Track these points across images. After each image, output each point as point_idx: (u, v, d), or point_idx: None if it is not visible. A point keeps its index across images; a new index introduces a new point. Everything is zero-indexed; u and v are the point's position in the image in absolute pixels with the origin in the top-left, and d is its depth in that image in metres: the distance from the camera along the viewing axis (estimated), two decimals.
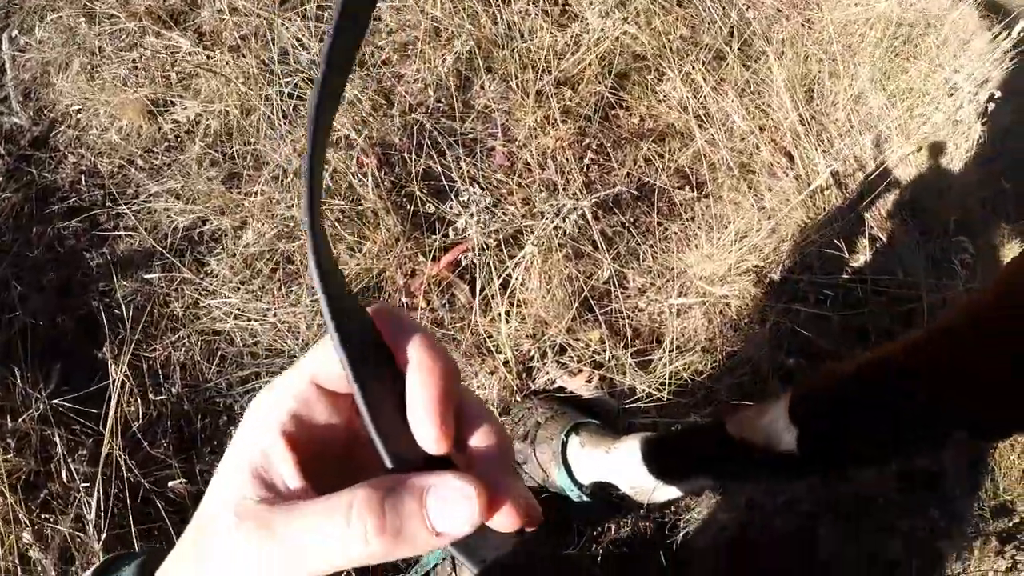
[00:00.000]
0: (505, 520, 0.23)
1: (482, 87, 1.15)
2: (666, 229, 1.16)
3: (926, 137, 1.48)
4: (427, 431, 0.23)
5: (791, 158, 1.29)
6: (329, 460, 0.25)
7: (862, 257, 1.27)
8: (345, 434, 0.25)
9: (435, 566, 0.87)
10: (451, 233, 1.04)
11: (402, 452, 0.23)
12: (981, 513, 1.08)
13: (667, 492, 0.86)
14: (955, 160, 1.49)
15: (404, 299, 1.00)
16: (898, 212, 1.36)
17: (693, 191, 1.21)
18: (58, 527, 0.78)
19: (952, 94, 1.48)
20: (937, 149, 1.46)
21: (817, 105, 1.40)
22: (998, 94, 1.44)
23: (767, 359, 1.10)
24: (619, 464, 0.89)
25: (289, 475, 0.23)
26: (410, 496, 0.21)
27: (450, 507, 0.21)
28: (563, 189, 1.09)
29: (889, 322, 1.16)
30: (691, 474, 0.87)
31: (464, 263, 1.04)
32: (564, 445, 0.93)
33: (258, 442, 0.23)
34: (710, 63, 1.31)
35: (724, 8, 1.34)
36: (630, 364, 1.03)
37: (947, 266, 1.29)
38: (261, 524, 0.22)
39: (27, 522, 0.80)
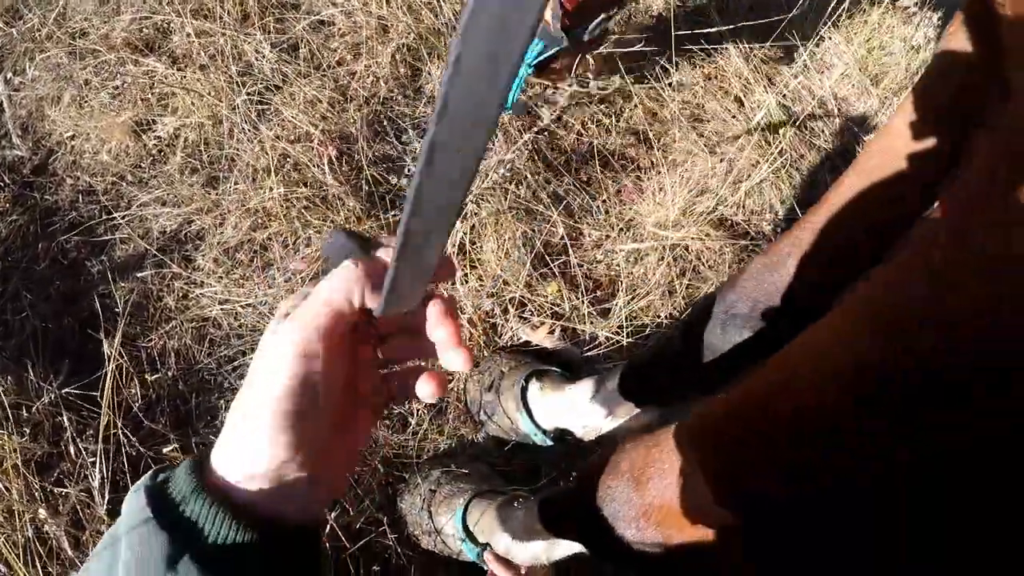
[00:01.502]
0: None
1: (429, 74, 1.23)
2: (615, 183, 1.21)
3: (886, 67, 1.48)
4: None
5: (741, 103, 1.32)
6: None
7: (824, 189, 1.28)
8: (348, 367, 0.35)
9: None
10: None
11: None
12: None
13: (614, 429, 0.90)
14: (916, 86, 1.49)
15: None
16: (861, 143, 1.37)
17: (643, 146, 1.25)
18: (69, 494, 0.87)
19: (907, 21, 1.48)
20: (897, 76, 1.46)
21: (769, 50, 1.43)
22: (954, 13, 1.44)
23: None
24: (573, 404, 0.94)
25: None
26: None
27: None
28: (507, 156, 1.15)
29: None
30: (641, 404, 0.91)
31: None
32: (524, 390, 0.98)
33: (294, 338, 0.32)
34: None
35: None
36: (589, 312, 1.08)
37: None
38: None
39: (42, 499, 0.90)
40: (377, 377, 0.38)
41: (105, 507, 0.88)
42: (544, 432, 0.99)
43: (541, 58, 0.98)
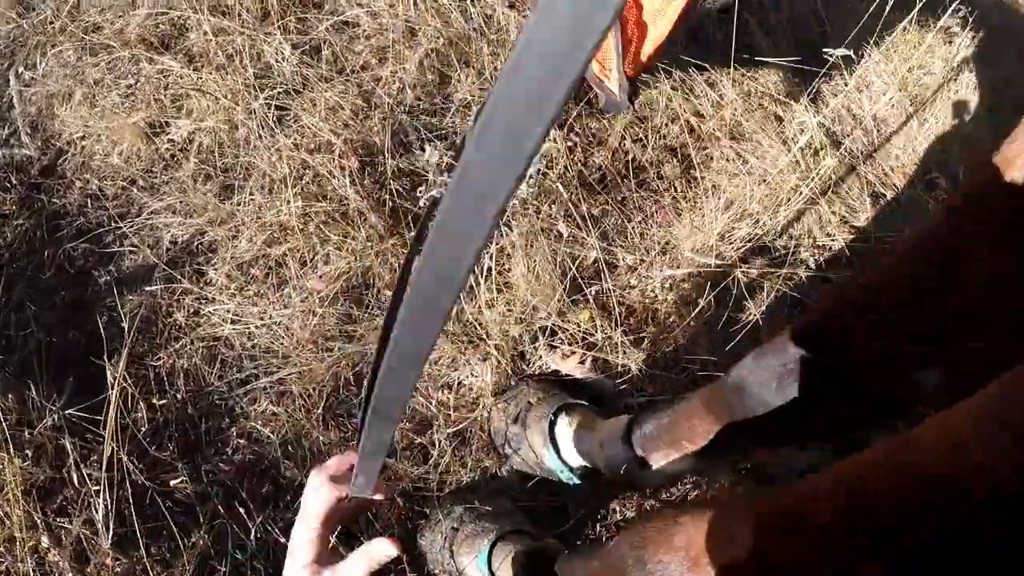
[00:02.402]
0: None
1: (459, 81, 1.17)
2: (655, 203, 1.15)
3: (927, 88, 1.42)
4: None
5: (780, 120, 1.26)
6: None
7: (864, 216, 1.23)
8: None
9: None
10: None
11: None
12: None
13: (646, 473, 0.85)
14: (959, 110, 1.43)
15: (390, 292, 1.01)
16: (901, 168, 1.32)
17: (680, 164, 1.19)
18: (71, 528, 0.82)
19: (950, 41, 1.42)
20: (939, 100, 1.40)
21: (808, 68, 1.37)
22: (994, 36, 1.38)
23: (765, 328, 1.07)
24: (601, 444, 0.88)
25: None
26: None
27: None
28: (545, 172, 1.09)
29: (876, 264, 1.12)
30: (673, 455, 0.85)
31: None
32: (552, 425, 0.93)
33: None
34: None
35: None
36: (622, 342, 1.02)
37: None
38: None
39: (44, 526, 0.85)
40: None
41: (110, 540, 0.83)
42: (571, 469, 0.94)
43: None
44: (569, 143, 1.12)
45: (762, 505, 0.46)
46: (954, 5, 1.45)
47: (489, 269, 1.00)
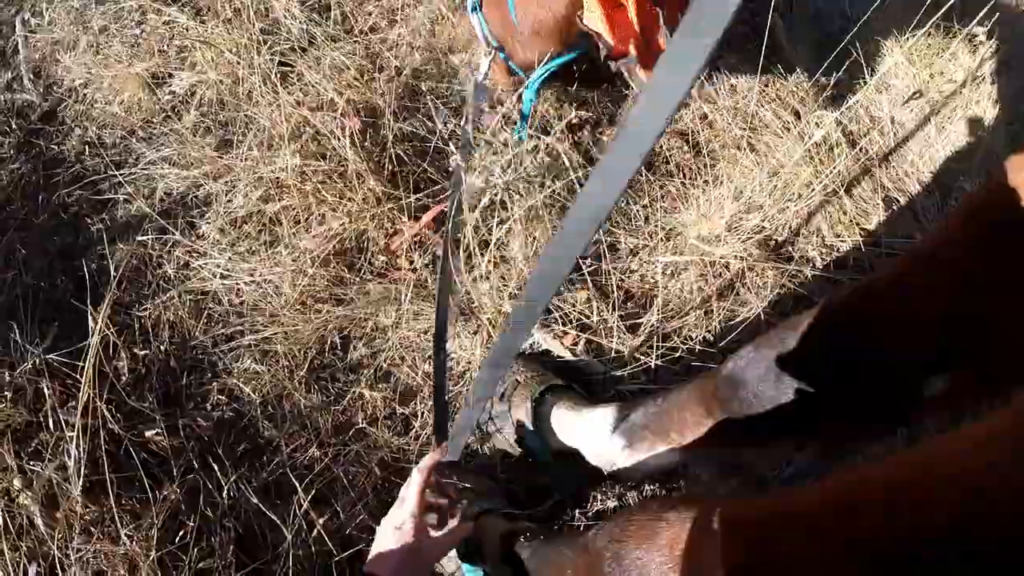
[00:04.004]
0: None
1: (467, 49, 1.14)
2: (661, 187, 1.12)
3: (947, 95, 1.38)
4: None
5: (798, 115, 1.23)
6: None
7: (876, 219, 1.19)
8: None
9: None
10: (431, 192, 1.03)
11: None
12: None
13: (630, 464, 0.82)
14: (979, 119, 1.39)
15: (385, 257, 0.99)
16: (917, 173, 1.28)
17: (691, 151, 1.16)
18: (43, 472, 0.80)
19: (975, 50, 1.38)
20: (960, 107, 1.36)
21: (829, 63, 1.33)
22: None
23: (766, 323, 1.04)
24: (588, 430, 0.86)
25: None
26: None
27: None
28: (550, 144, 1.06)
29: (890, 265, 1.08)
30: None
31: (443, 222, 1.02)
32: (537, 404, 0.91)
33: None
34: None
35: None
36: (618, 327, 1.00)
37: None
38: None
39: (17, 469, 0.83)
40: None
41: (80, 487, 0.82)
42: (550, 450, 0.92)
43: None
44: (576, 119, 1.09)
45: (757, 506, 0.44)
46: (982, 13, 1.41)
47: (486, 242, 0.98)
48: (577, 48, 0.91)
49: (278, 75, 1.10)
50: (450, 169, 1.02)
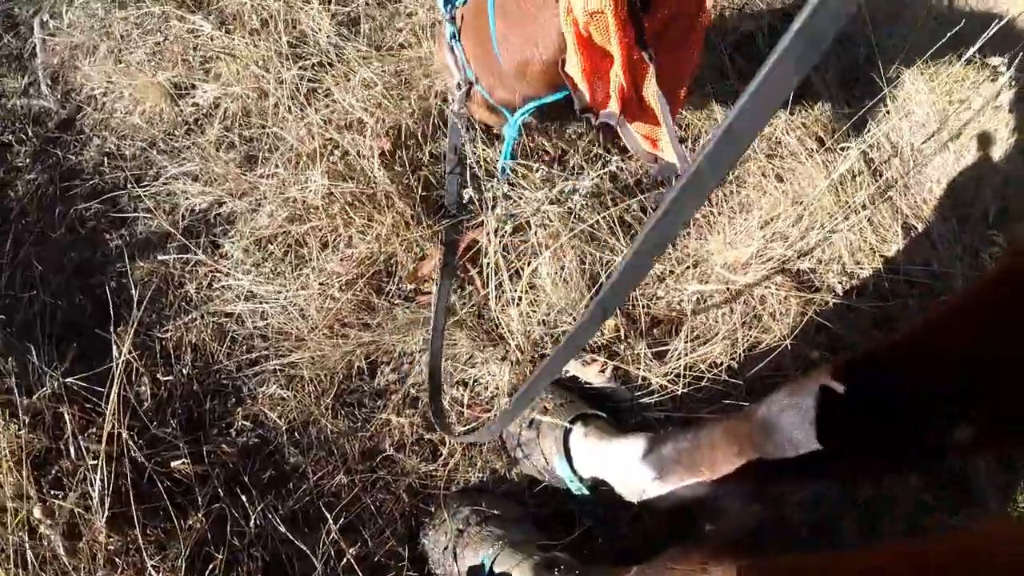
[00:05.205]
0: None
1: None
2: None
3: (965, 123, 1.40)
4: None
5: (821, 142, 1.23)
6: None
7: (894, 246, 1.20)
8: None
9: None
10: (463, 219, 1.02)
11: None
12: (1014, 511, 1.01)
13: (660, 494, 0.82)
14: (996, 147, 1.41)
15: (411, 285, 0.98)
16: (935, 200, 1.29)
17: None
18: (64, 503, 0.78)
19: (995, 79, 1.39)
20: (977, 136, 1.38)
21: (852, 90, 1.34)
22: None
23: (790, 352, 1.05)
24: (620, 459, 0.86)
25: None
26: None
27: None
28: (578, 173, 1.06)
29: (922, 315, 1.10)
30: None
31: (479, 248, 1.02)
32: (567, 433, 0.90)
33: None
34: (741, 42, 1.26)
35: None
36: (645, 355, 0.99)
37: (986, 258, 1.21)
38: None
39: (37, 498, 0.81)
40: None
41: (104, 517, 0.80)
42: (581, 480, 0.91)
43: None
44: (602, 149, 1.08)
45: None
46: (1005, 43, 1.42)
47: (518, 270, 0.97)
48: (565, 89, 0.81)
49: (306, 91, 1.08)
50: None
